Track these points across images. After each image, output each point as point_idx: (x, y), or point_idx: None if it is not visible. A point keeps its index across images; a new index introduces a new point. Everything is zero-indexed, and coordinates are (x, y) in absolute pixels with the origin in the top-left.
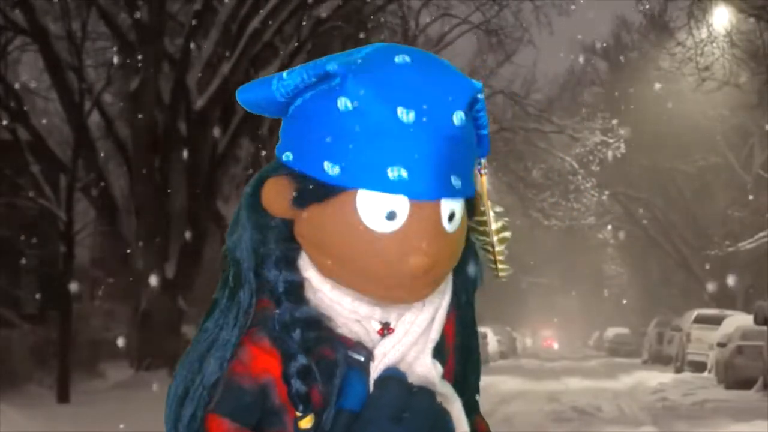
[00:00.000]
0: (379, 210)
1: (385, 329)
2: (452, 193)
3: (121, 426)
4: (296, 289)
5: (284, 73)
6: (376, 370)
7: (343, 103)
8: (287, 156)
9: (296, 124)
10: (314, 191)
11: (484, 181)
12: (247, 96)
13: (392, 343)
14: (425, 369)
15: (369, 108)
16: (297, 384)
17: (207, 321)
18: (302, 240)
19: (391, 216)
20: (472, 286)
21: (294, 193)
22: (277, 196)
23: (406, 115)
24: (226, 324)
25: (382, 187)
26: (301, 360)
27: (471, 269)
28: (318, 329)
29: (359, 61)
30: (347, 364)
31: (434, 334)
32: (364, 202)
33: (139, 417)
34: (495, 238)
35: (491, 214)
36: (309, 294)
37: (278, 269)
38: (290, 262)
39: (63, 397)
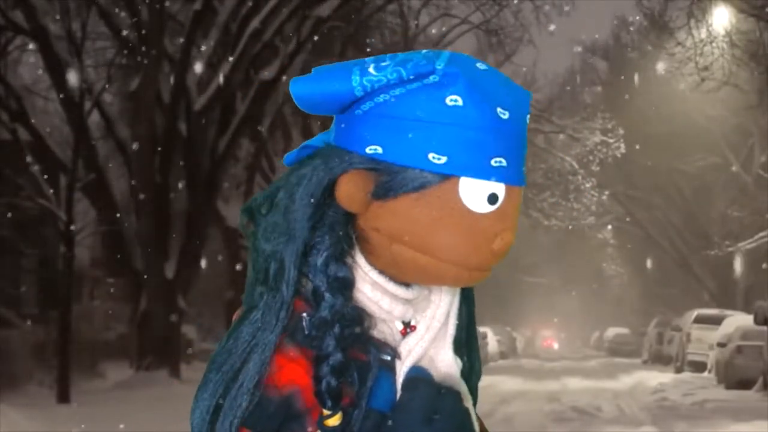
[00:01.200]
0: (481, 194)
1: (408, 328)
2: (524, 182)
3: (121, 426)
4: (344, 285)
5: (369, 67)
6: (402, 368)
7: (452, 99)
8: (373, 149)
9: (384, 118)
10: (411, 181)
11: None
12: (308, 88)
13: (416, 340)
14: (447, 365)
15: (475, 105)
16: (330, 379)
17: (242, 325)
18: (375, 234)
19: (492, 199)
20: (470, 304)
21: (377, 185)
22: (357, 189)
23: (503, 114)
24: (268, 323)
25: (487, 175)
26: (338, 356)
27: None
28: (359, 327)
29: (455, 62)
30: (378, 366)
31: (451, 329)
32: (467, 188)
33: (139, 417)
34: None
35: None
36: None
37: (328, 262)
38: (339, 259)
39: (63, 397)
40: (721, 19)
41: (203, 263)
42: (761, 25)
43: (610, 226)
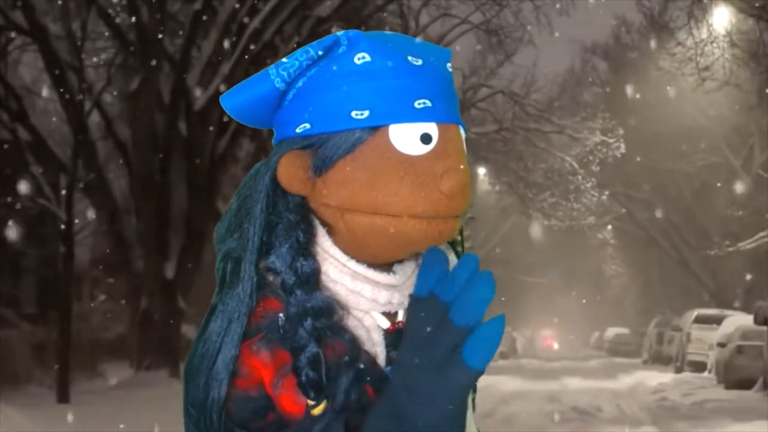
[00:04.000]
0: (413, 136)
1: (395, 325)
2: (460, 121)
3: (121, 426)
4: (311, 277)
5: (283, 60)
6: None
7: (360, 57)
8: (303, 127)
9: (307, 96)
10: (342, 143)
11: None
12: (236, 99)
13: None
14: None
15: (384, 56)
16: (307, 371)
17: (208, 325)
18: (326, 210)
19: (426, 139)
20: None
21: (314, 159)
22: (294, 168)
23: (415, 60)
24: (230, 322)
25: (413, 118)
26: (312, 349)
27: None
28: (330, 318)
29: (359, 31)
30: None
31: None
32: (396, 134)
33: (139, 417)
34: None
35: None
36: (327, 284)
37: (294, 256)
38: (306, 249)
39: (63, 397)
40: (722, 19)
41: (203, 263)
42: (761, 25)
43: (610, 226)
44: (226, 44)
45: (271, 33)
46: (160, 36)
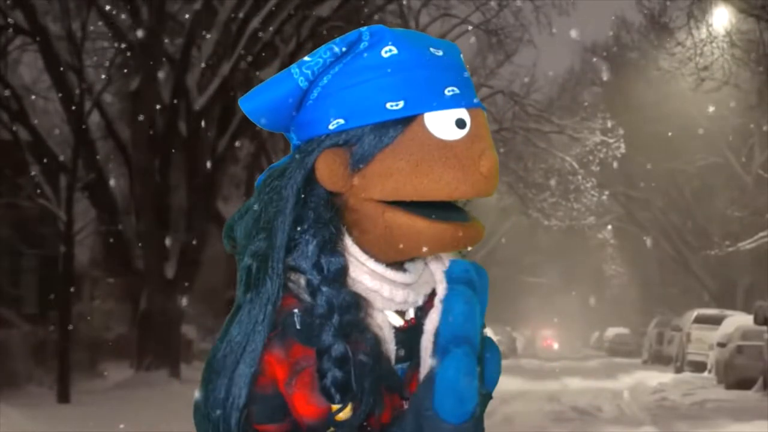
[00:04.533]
0: (448, 122)
1: (409, 323)
2: (483, 106)
3: (121, 426)
4: (340, 274)
5: (305, 58)
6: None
7: (387, 50)
8: (337, 123)
9: (335, 93)
10: (381, 136)
11: None
12: (256, 101)
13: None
14: None
15: (410, 48)
16: (335, 372)
17: (232, 326)
18: (368, 205)
19: (461, 123)
20: None
21: (353, 156)
22: (336, 166)
23: (437, 52)
24: (255, 322)
25: (446, 105)
26: (340, 347)
27: None
28: (357, 314)
29: (375, 27)
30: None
31: None
32: (432, 121)
33: (139, 417)
34: None
35: None
36: (348, 282)
37: (320, 253)
38: (333, 246)
39: (63, 397)
40: (721, 19)
41: (203, 263)
42: (761, 25)
43: (610, 226)
44: (226, 44)
45: (271, 33)
46: (160, 36)
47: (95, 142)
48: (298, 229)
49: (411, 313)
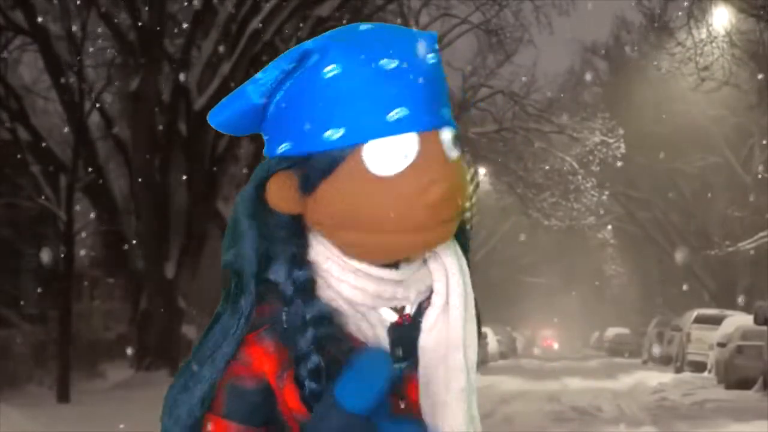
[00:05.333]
0: (390, 152)
1: (403, 317)
2: (446, 123)
3: (121, 426)
4: (308, 287)
5: (257, 75)
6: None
7: (329, 70)
8: (284, 147)
9: (285, 113)
10: (321, 166)
11: None
12: (221, 116)
13: (434, 316)
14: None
15: (354, 66)
16: (310, 384)
17: (208, 335)
18: (320, 227)
19: (404, 154)
20: (466, 249)
21: (300, 181)
22: (283, 191)
23: (389, 64)
24: (228, 337)
25: (389, 131)
26: (314, 359)
27: (465, 230)
28: (330, 326)
29: (330, 36)
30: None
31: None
32: (371, 153)
33: (139, 417)
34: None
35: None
36: (323, 290)
37: (289, 268)
38: (300, 260)
39: (63, 397)
40: (721, 19)
41: (203, 263)
42: (761, 25)
43: (610, 226)
44: (226, 44)
45: (271, 33)
46: (160, 36)
47: (95, 142)
48: (272, 243)
49: (409, 309)
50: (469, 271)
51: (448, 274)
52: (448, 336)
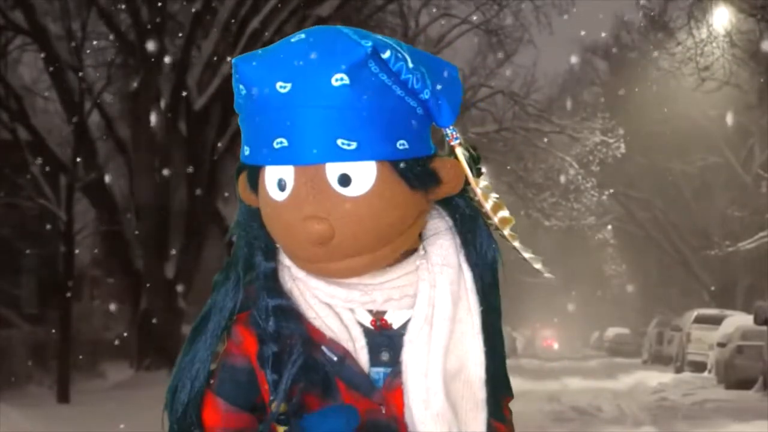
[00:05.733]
0: (272, 181)
1: (378, 322)
2: (340, 156)
3: (121, 426)
4: (271, 279)
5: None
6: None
7: (240, 88)
8: (242, 150)
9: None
10: (251, 176)
11: (459, 153)
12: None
13: (416, 330)
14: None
15: (254, 89)
16: (267, 372)
17: (211, 295)
18: None
19: (281, 185)
20: (490, 267)
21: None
22: (242, 186)
23: (283, 87)
24: (226, 297)
25: (272, 160)
26: (272, 348)
27: (489, 253)
28: (290, 319)
29: (263, 49)
30: (316, 361)
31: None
32: (266, 176)
33: (139, 417)
34: (495, 219)
35: (478, 190)
36: (288, 283)
37: (261, 258)
38: (270, 252)
39: (63, 397)
40: (722, 19)
41: (203, 263)
42: (761, 25)
43: (610, 226)
44: (226, 44)
45: (271, 33)
46: (160, 36)
47: (95, 142)
48: (253, 232)
49: (389, 315)
50: (490, 282)
51: (436, 289)
52: (429, 351)
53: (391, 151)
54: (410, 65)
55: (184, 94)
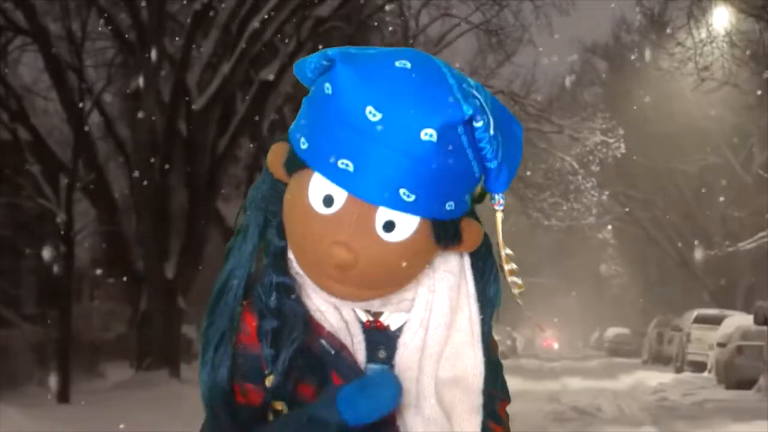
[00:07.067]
0: (320, 191)
1: (372, 324)
2: (396, 205)
3: (121, 426)
4: (280, 257)
5: (315, 54)
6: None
7: (327, 86)
8: (294, 124)
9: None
10: (294, 161)
11: (498, 218)
12: (298, 71)
13: (410, 336)
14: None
15: (343, 98)
16: (265, 346)
17: (226, 267)
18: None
19: (327, 201)
20: (491, 306)
21: (284, 158)
22: (275, 157)
23: (373, 115)
24: (242, 267)
25: (328, 173)
26: (272, 323)
27: (491, 289)
28: (292, 298)
29: (361, 55)
30: (313, 353)
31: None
32: (314, 182)
33: (139, 417)
34: (509, 280)
35: (503, 254)
36: (292, 270)
37: (275, 234)
38: (282, 230)
39: (63, 397)
40: (721, 19)
41: (203, 263)
42: (761, 25)
43: (610, 226)
44: (226, 44)
45: (271, 33)
46: (160, 36)
47: (95, 142)
48: (271, 206)
49: (385, 316)
50: (492, 294)
51: (434, 294)
52: (422, 356)
53: (440, 210)
54: (491, 133)
55: (185, 94)
